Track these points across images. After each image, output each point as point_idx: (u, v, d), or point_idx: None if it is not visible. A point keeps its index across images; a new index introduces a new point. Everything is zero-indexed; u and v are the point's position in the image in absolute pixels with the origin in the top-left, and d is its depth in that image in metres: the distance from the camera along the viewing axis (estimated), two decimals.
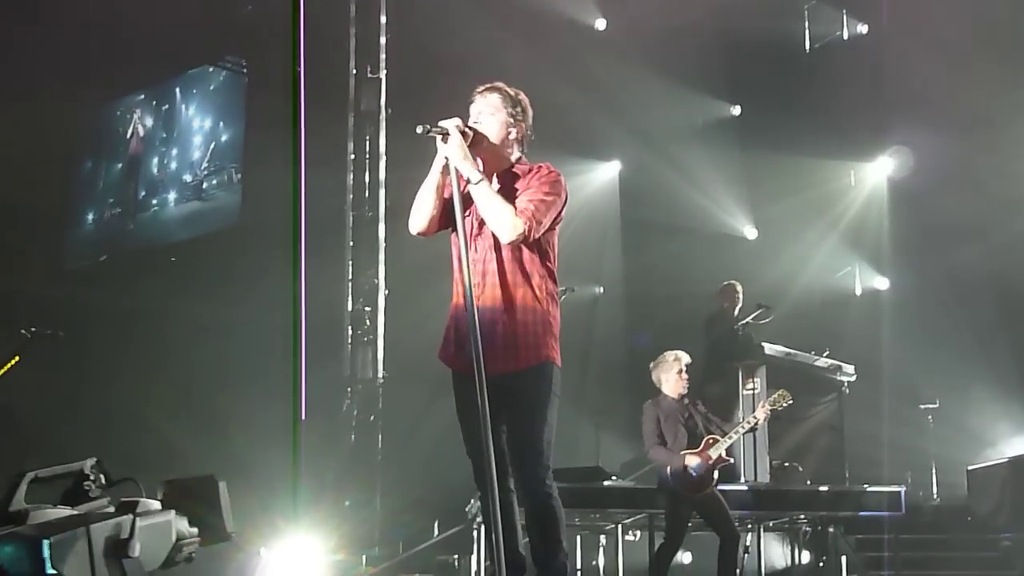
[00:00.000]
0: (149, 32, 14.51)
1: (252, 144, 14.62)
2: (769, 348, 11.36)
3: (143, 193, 16.14)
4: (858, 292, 14.45)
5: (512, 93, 5.45)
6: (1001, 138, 12.63)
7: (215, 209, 15.15)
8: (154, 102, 16.29)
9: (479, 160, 5.27)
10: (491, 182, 5.27)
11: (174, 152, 15.90)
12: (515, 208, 5.16)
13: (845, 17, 14.70)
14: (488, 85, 5.46)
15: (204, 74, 15.78)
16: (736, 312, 11.87)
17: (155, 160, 16.12)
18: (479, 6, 13.62)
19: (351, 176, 13.12)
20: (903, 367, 12.38)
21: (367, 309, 12.93)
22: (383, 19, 13.32)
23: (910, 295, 13.55)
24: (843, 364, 11.57)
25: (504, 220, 5.12)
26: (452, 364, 5.41)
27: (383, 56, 13.29)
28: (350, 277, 12.96)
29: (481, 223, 5.26)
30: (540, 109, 5.58)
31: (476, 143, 5.25)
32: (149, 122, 16.25)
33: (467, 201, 5.23)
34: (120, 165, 16.52)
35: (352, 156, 13.12)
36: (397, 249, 12.97)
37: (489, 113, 5.37)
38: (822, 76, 14.29)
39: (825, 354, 11.53)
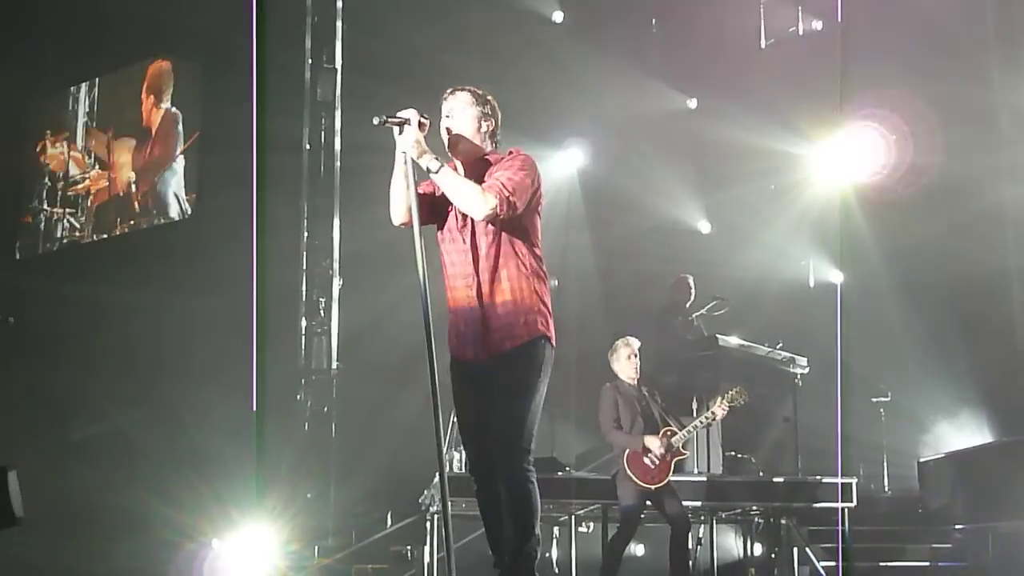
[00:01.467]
0: (103, 17, 14.39)
1: (207, 132, 14.51)
2: (723, 340, 11.39)
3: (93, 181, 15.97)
4: (812, 285, 14.53)
5: (481, 93, 5.53)
6: (953, 133, 12.70)
7: (174, 200, 15.01)
8: (104, 85, 16.12)
9: (456, 161, 5.41)
10: (464, 173, 5.37)
11: (135, 140, 15.72)
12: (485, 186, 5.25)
13: (800, 13, 14.76)
14: (455, 87, 5.53)
15: (152, 60, 15.62)
16: (689, 305, 11.91)
17: (106, 145, 15.94)
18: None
19: (306, 167, 13.05)
20: (856, 360, 12.41)
21: (321, 300, 12.89)
22: (339, 7, 13.24)
23: (864, 289, 13.61)
24: (796, 356, 11.62)
25: (473, 197, 5.21)
26: (461, 354, 5.48)
27: (339, 45, 13.22)
28: (304, 267, 12.90)
29: (465, 215, 5.35)
30: (498, 100, 5.60)
31: (451, 142, 5.40)
32: (112, 111, 16.08)
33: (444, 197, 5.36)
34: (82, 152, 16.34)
35: (307, 147, 13.05)
36: (352, 240, 12.93)
37: (460, 109, 5.46)
38: (777, 71, 14.33)
39: (779, 346, 11.57)
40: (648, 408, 9.29)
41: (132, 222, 15.36)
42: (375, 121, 5.21)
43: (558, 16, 14.70)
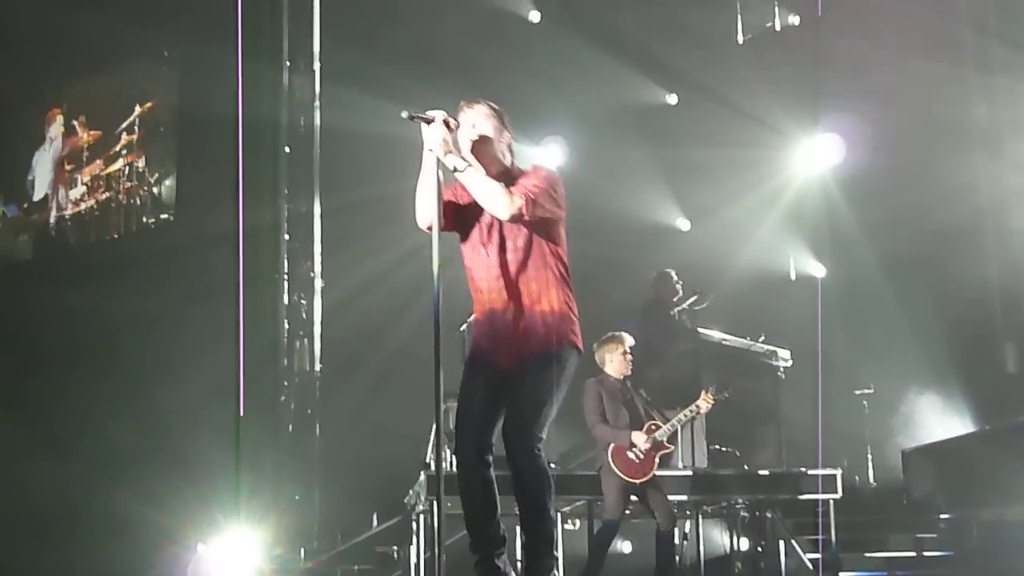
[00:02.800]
0: (73, 20, 14.34)
1: (186, 136, 14.50)
2: (705, 333, 11.41)
3: (72, 187, 15.93)
4: (793, 278, 14.56)
5: (494, 106, 5.63)
6: (935, 127, 12.75)
7: (150, 203, 14.99)
8: (82, 92, 16.08)
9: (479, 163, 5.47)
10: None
11: (103, 143, 15.69)
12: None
13: (776, 8, 14.81)
14: (470, 99, 5.61)
15: (141, 64, 15.58)
16: (674, 299, 11.92)
17: (84, 151, 15.91)
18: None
19: (285, 170, 13.03)
20: (838, 352, 12.46)
21: (303, 302, 12.87)
22: (316, 9, 13.23)
23: (845, 281, 13.67)
24: (778, 349, 11.63)
25: (499, 196, 5.31)
26: (486, 359, 5.55)
27: (316, 47, 13.21)
28: (286, 270, 12.88)
29: (491, 225, 5.47)
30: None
31: (477, 148, 5.47)
32: (77, 113, 16.04)
33: (475, 208, 5.46)
34: (50, 158, 16.29)
35: (287, 150, 13.02)
36: (333, 242, 12.92)
37: (482, 120, 5.54)
38: (755, 66, 14.36)
39: (761, 339, 11.57)
40: (632, 402, 9.32)
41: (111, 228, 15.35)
42: (403, 115, 5.27)
43: (535, 16, 14.72)
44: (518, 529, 6.85)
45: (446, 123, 5.29)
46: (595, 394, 9.29)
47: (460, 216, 5.55)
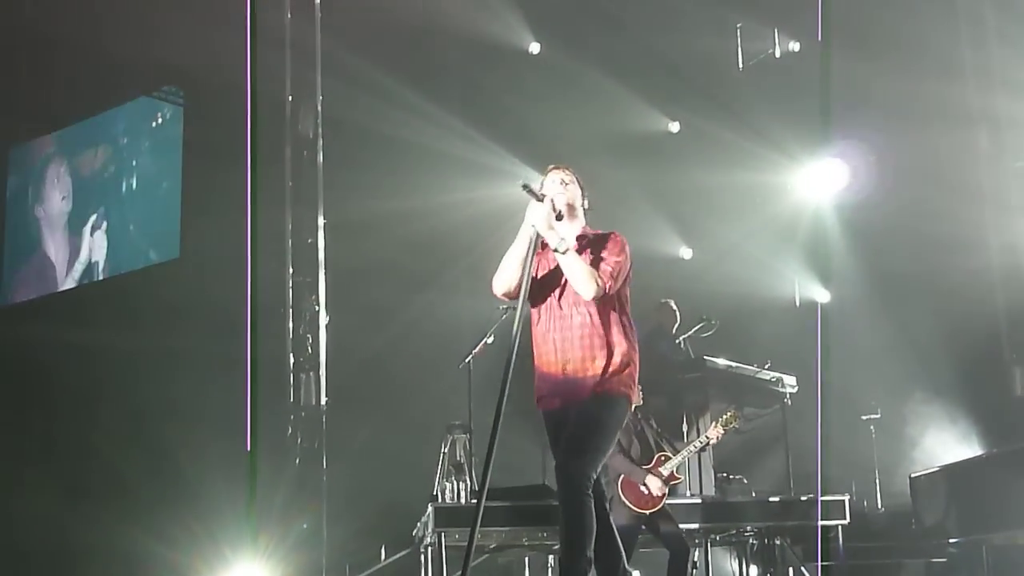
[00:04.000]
0: (80, 64, 14.43)
1: (190, 173, 14.55)
2: (710, 361, 11.42)
3: (80, 228, 15.99)
4: (798, 304, 14.55)
5: (574, 172, 6.20)
6: (935, 151, 12.76)
7: (156, 241, 15.03)
8: (87, 135, 16.16)
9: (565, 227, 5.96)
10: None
11: (110, 184, 15.76)
12: (595, 270, 5.84)
13: (776, 34, 14.85)
14: (555, 164, 6.19)
15: (139, 105, 15.66)
16: (674, 329, 11.93)
17: (89, 193, 15.98)
18: (413, 35, 13.70)
19: (290, 204, 13.06)
20: (844, 378, 12.42)
21: (308, 336, 12.87)
22: (318, 44, 13.28)
23: (849, 306, 13.63)
24: (784, 376, 11.63)
25: (588, 281, 5.80)
26: (548, 406, 6.04)
27: (319, 82, 13.26)
28: (291, 304, 12.89)
29: (563, 286, 5.94)
30: (482, 132, 5.77)
31: (567, 214, 6.00)
32: (83, 155, 16.11)
33: (553, 276, 5.99)
34: (54, 199, 16.35)
35: (290, 184, 13.06)
36: (337, 277, 12.94)
37: (570, 182, 6.10)
38: (756, 92, 14.39)
39: (766, 366, 11.58)
40: (643, 433, 9.32)
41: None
42: (520, 184, 5.76)
43: (535, 47, 14.79)
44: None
45: (553, 204, 5.78)
46: None
47: (536, 283, 5.97)
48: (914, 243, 12.75)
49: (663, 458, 9.14)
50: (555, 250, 5.77)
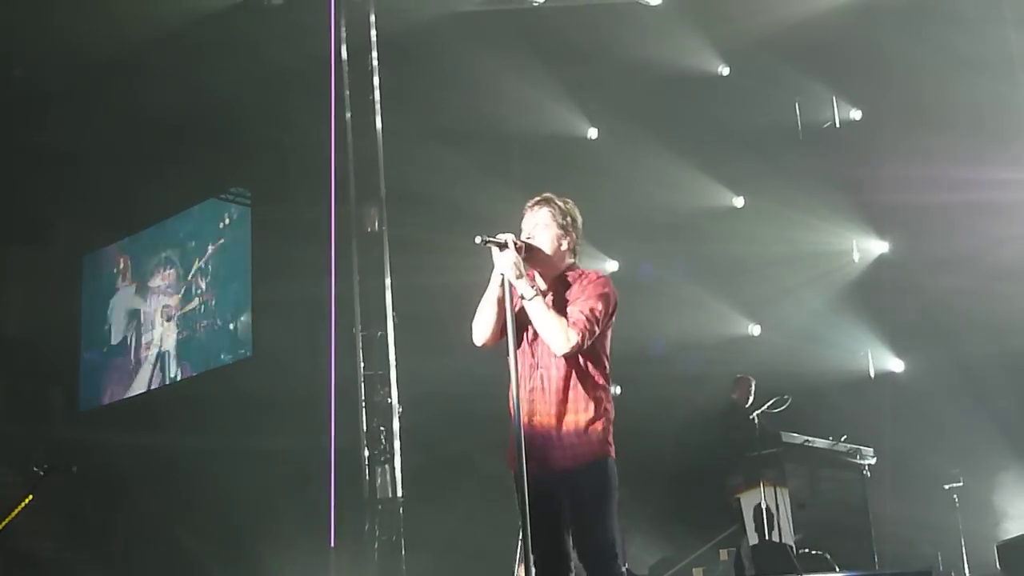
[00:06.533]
0: (152, 167, 14.76)
1: (260, 273, 14.78)
2: (786, 436, 11.34)
3: (153, 330, 16.24)
4: (872, 375, 14.42)
5: (561, 204, 5.75)
6: (997, 216, 12.70)
7: (229, 341, 15.22)
8: (156, 240, 16.47)
9: (535, 273, 5.59)
10: (544, 292, 5.53)
11: (184, 286, 16.02)
12: (567, 319, 5.39)
13: (835, 103, 14.87)
14: (538, 199, 5.76)
15: (208, 206, 15.96)
16: (749, 403, 11.89)
17: (164, 295, 16.23)
18: (473, 127, 13.92)
19: (358, 296, 13.16)
20: (923, 448, 12.32)
21: (382, 429, 12.91)
22: (379, 132, 13.44)
23: (924, 376, 13.53)
24: (862, 447, 11.54)
25: (558, 334, 5.37)
26: (512, 466, 5.43)
27: (382, 174, 13.40)
28: (363, 398, 12.94)
29: (536, 336, 5.50)
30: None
31: (531, 257, 5.54)
32: (153, 260, 16.40)
33: (522, 312, 5.49)
34: (126, 304, 16.63)
35: (357, 277, 13.16)
36: (408, 368, 13.00)
37: (543, 226, 5.64)
38: (818, 162, 14.40)
39: (843, 439, 11.50)
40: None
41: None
42: (476, 240, 5.39)
43: (592, 132, 14.98)
44: None
45: (516, 246, 5.40)
46: None
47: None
48: (983, 311, 12.62)
49: None
50: (522, 297, 5.41)
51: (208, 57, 13.83)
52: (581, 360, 5.48)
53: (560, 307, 5.48)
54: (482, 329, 5.57)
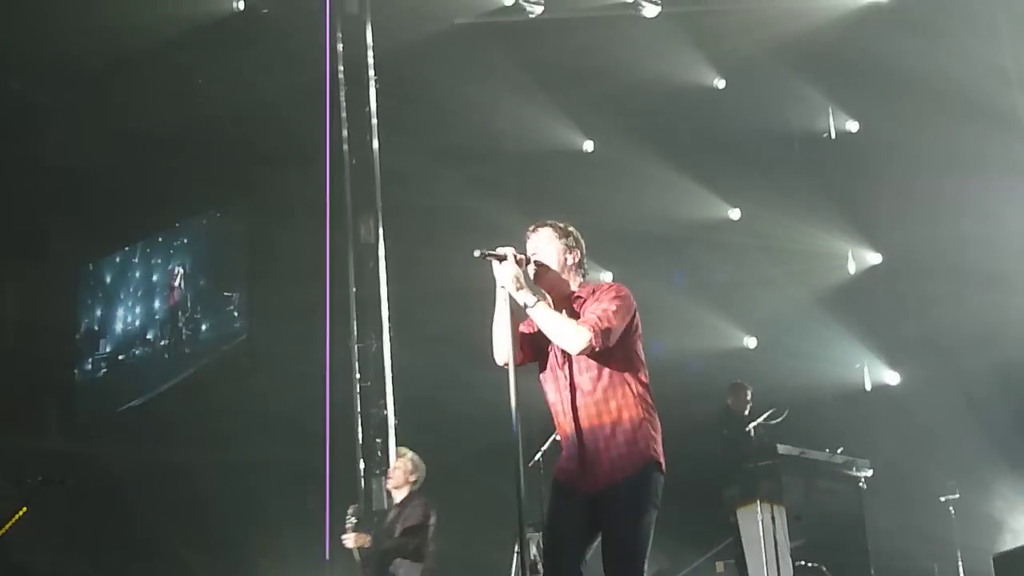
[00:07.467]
0: (148, 180, 14.74)
1: (256, 284, 14.79)
2: (783, 448, 11.34)
3: (148, 341, 16.23)
4: (868, 387, 14.43)
5: (562, 226, 5.70)
6: (994, 222, 12.72)
7: (224, 353, 15.21)
8: (154, 248, 16.46)
9: (546, 294, 5.52)
10: (556, 309, 5.47)
11: (179, 298, 15.99)
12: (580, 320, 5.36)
13: (831, 114, 14.89)
14: (538, 222, 5.71)
15: (204, 219, 15.96)
16: (746, 412, 11.89)
17: (159, 307, 16.22)
18: (470, 141, 13.93)
19: (354, 309, 13.14)
20: (919, 460, 12.34)
21: (378, 441, 12.89)
22: (375, 148, 13.43)
23: (920, 389, 13.54)
24: (858, 460, 11.54)
25: (568, 332, 5.33)
26: (570, 482, 5.47)
27: (378, 190, 13.40)
28: (359, 410, 12.92)
29: (564, 352, 5.44)
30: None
31: (539, 274, 5.52)
32: (151, 269, 16.39)
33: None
34: (124, 316, 16.61)
35: (354, 290, 13.15)
36: (405, 380, 12.99)
37: (545, 243, 5.61)
38: (814, 174, 14.42)
39: (839, 451, 11.50)
40: None
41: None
42: (475, 254, 5.36)
43: (588, 145, 15.00)
44: None
45: (516, 259, 5.37)
46: None
47: (536, 345, 5.57)
48: (980, 324, 12.64)
49: None
50: (525, 306, 5.36)
51: (204, 70, 13.84)
52: (617, 372, 5.43)
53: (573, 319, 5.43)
54: (501, 348, 5.49)
